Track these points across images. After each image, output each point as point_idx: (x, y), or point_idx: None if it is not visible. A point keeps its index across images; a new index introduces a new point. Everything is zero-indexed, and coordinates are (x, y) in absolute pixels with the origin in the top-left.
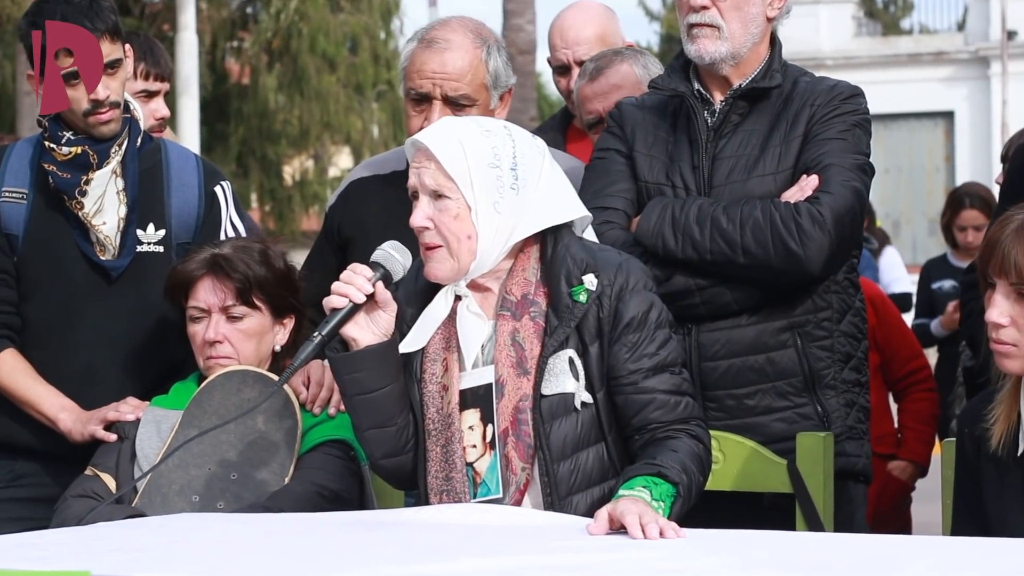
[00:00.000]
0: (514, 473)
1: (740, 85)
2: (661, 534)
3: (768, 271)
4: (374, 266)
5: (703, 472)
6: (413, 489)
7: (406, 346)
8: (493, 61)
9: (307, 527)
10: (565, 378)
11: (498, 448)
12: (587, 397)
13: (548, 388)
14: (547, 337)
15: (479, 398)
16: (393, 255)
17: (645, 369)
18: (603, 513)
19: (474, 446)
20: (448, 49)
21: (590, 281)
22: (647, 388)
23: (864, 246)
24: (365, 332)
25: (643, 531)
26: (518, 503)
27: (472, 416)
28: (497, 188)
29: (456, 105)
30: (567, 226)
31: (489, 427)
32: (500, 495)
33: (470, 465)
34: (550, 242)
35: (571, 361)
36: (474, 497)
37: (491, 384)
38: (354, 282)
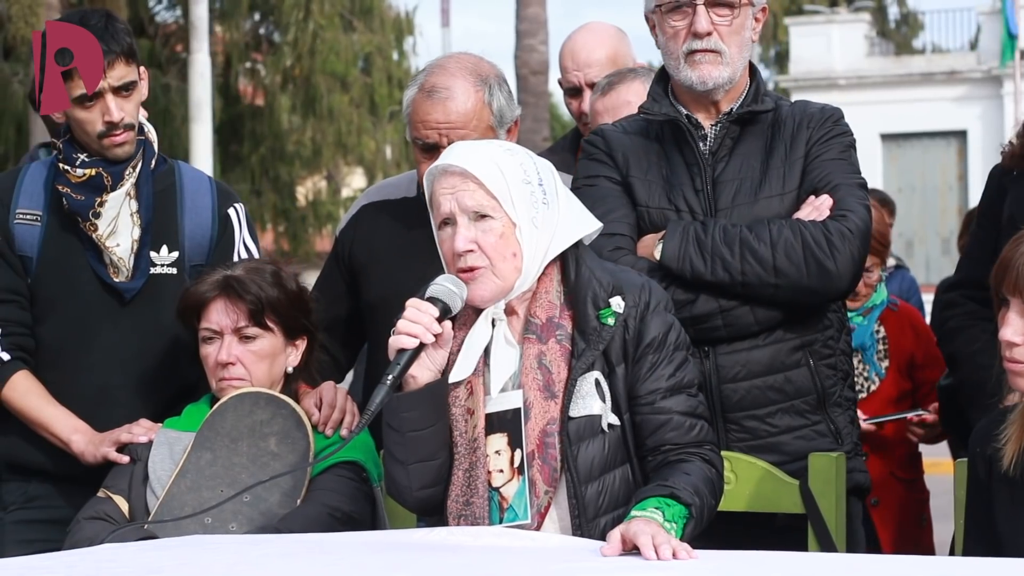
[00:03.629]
0: (537, 496)
1: (732, 109)
2: (674, 555)
3: (800, 290)
4: (433, 301)
5: (715, 496)
6: (437, 514)
7: (456, 375)
8: (496, 100)
9: (319, 548)
10: (592, 400)
11: (527, 473)
12: (614, 419)
13: (575, 410)
14: (574, 360)
15: (506, 423)
16: (453, 290)
17: (663, 390)
18: (616, 534)
19: (500, 471)
20: (450, 98)
21: (617, 304)
22: (663, 408)
23: (904, 267)
24: (423, 370)
25: (656, 552)
26: (538, 526)
27: (499, 441)
28: (532, 204)
29: None
30: (584, 245)
31: (517, 452)
32: (528, 521)
33: (496, 490)
34: (571, 263)
35: (597, 383)
36: (499, 522)
37: (519, 409)
38: (421, 321)
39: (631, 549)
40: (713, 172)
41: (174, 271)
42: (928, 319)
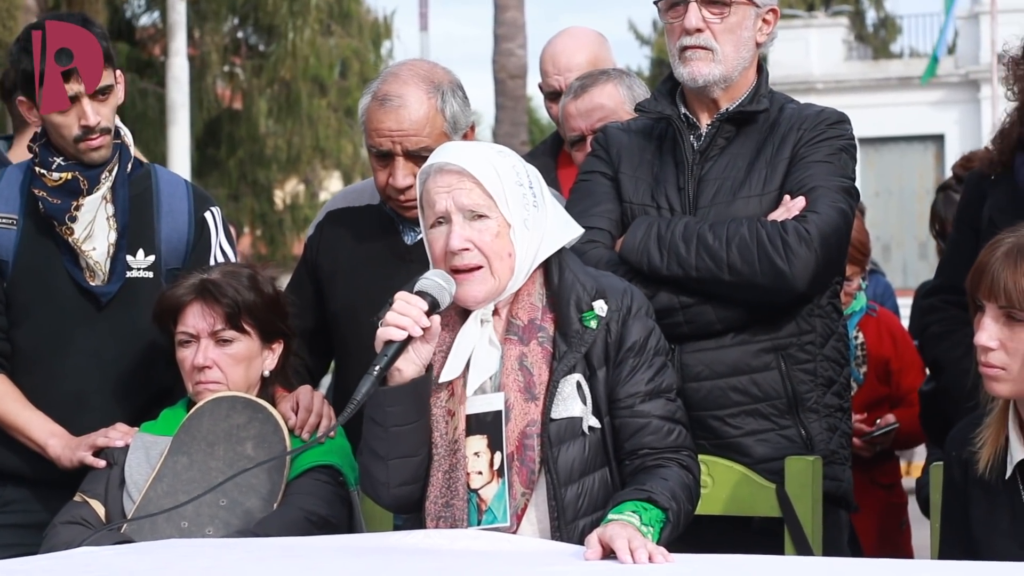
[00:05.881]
0: (514, 498)
1: (727, 109)
2: (650, 559)
3: (753, 289)
4: (422, 295)
5: (692, 502)
6: (414, 512)
7: (446, 375)
8: (449, 107)
9: (295, 552)
10: (573, 402)
11: (507, 475)
12: (595, 422)
13: (556, 412)
14: (556, 362)
15: (486, 424)
16: (442, 285)
17: (642, 393)
18: (594, 538)
19: (480, 473)
20: (402, 106)
21: (600, 307)
22: (642, 412)
23: (878, 272)
24: (409, 364)
25: (632, 555)
26: (515, 529)
27: (478, 442)
28: (524, 205)
29: (419, 158)
30: (567, 249)
31: (497, 454)
32: (508, 524)
33: (475, 492)
34: (555, 267)
35: (579, 385)
36: (477, 524)
37: (500, 411)
38: (410, 314)
39: (608, 553)
40: (700, 171)
41: (150, 275)
42: (905, 323)
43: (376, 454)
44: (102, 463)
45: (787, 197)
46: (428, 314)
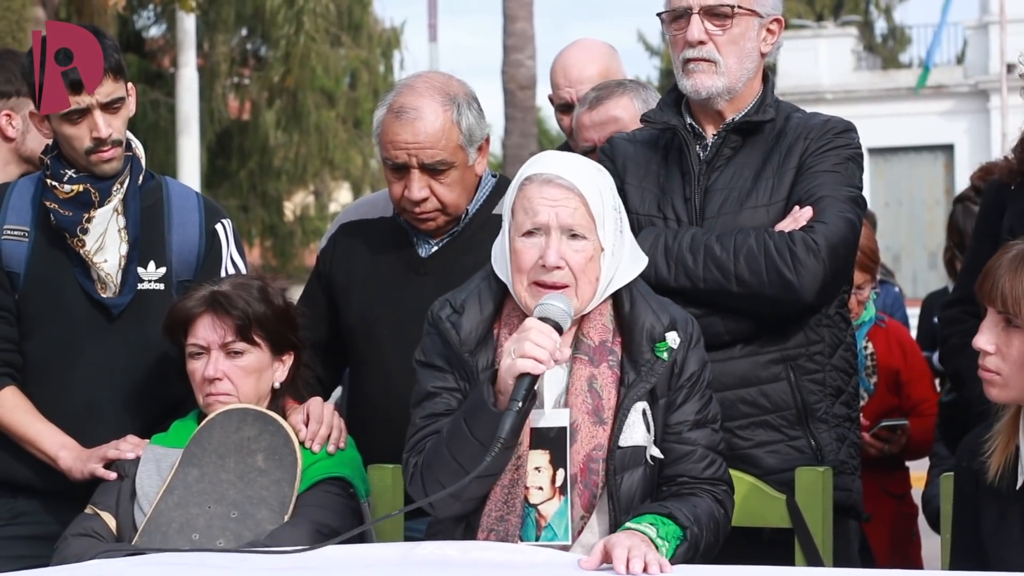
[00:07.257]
0: (573, 520)
1: (733, 119)
2: (645, 568)
3: (761, 300)
4: (546, 321)
5: (717, 534)
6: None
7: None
8: (465, 119)
9: (306, 563)
10: (638, 430)
11: (570, 494)
12: (657, 452)
13: (624, 440)
14: (624, 388)
15: (549, 440)
16: (566, 311)
17: (691, 422)
18: (599, 546)
19: (540, 488)
20: (418, 118)
21: (673, 339)
22: (689, 440)
23: (888, 282)
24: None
25: (627, 564)
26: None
27: (540, 457)
28: (615, 231)
29: (434, 171)
30: (638, 276)
31: (560, 471)
32: (568, 541)
33: (533, 507)
34: (625, 292)
35: (644, 413)
36: (535, 540)
37: (565, 428)
38: (547, 346)
39: (609, 560)
40: (707, 181)
41: (161, 287)
42: (914, 333)
43: (465, 470)
44: (113, 475)
45: (795, 207)
46: None
